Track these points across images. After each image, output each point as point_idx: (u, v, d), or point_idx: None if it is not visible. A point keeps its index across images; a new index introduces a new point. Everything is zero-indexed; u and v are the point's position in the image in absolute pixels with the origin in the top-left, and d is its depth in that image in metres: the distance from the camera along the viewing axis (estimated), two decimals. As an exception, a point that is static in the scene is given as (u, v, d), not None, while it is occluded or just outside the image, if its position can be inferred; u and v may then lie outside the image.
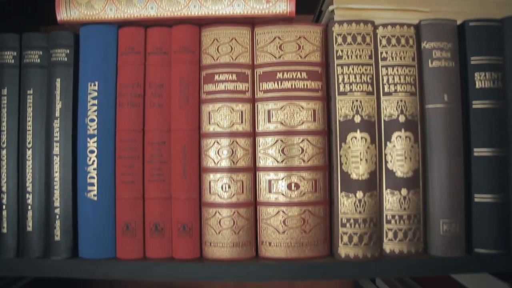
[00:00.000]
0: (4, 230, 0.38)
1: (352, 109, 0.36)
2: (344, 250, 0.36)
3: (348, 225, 0.36)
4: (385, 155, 0.37)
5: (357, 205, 0.36)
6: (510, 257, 0.36)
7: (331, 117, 0.37)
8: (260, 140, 0.37)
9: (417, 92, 0.37)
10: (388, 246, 0.37)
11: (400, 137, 0.36)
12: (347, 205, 0.36)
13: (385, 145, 0.37)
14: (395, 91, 0.37)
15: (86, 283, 0.66)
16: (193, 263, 0.36)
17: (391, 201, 0.36)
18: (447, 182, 0.36)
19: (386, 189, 0.37)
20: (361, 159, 0.36)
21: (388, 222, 0.36)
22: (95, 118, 0.37)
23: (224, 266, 0.36)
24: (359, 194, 0.36)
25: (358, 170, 0.36)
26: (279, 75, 0.37)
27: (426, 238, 0.37)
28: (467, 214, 0.36)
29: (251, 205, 0.37)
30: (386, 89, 0.37)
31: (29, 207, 0.37)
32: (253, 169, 0.37)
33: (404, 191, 0.36)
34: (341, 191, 0.36)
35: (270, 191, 0.36)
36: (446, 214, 0.36)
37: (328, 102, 0.37)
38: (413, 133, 0.36)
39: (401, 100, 0.37)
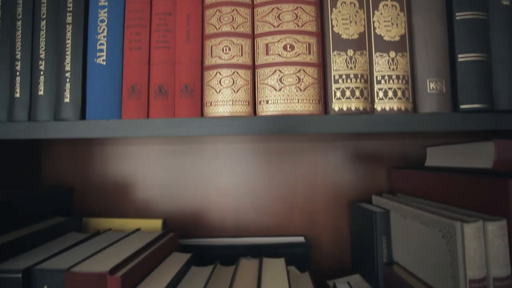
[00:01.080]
0: (17, 95, 0.40)
1: (341, -22, 0.39)
2: (338, 104, 0.38)
3: (340, 80, 0.38)
4: (373, 22, 0.39)
5: (348, 62, 0.38)
6: (493, 112, 0.38)
7: (323, -9, 0.40)
8: (258, 10, 0.40)
9: (401, -33, 0.40)
10: (380, 105, 0.39)
11: (387, 5, 0.39)
12: (339, 62, 0.38)
13: (373, 13, 0.40)
14: (381, -34, 0.40)
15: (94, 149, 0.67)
16: (194, 118, 0.38)
17: (380, 63, 0.39)
18: (432, 44, 0.39)
19: (375, 52, 0.39)
20: (350, 21, 0.39)
21: (379, 82, 0.39)
22: (106, -8, 0.40)
23: (224, 121, 0.38)
24: (350, 52, 0.38)
25: (348, 30, 0.39)
26: (275, -47, 0.40)
27: (415, 98, 0.39)
28: (452, 74, 0.39)
29: (250, 68, 0.39)
30: (372, -35, 0.40)
31: (42, 72, 0.40)
32: (251, 36, 0.40)
33: (392, 54, 0.39)
34: (333, 51, 0.39)
35: (267, 54, 0.39)
36: (432, 73, 0.38)
37: (320, -22, 0.41)
38: (398, 3, 0.40)
39: (387, -26, 0.40)
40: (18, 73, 0.40)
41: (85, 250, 0.49)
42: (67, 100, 0.39)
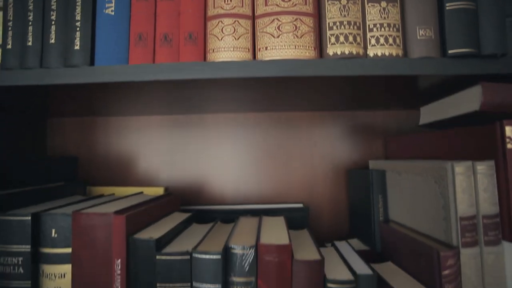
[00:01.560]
0: (30, 43, 0.42)
1: None
2: (332, 49, 0.40)
3: (334, 27, 0.41)
4: (366, -25, 0.42)
5: (341, 10, 0.41)
6: (480, 57, 0.40)
7: None
8: (257, -36, 0.43)
9: None
10: (372, 51, 0.41)
11: (378, -40, 0.42)
12: (333, 11, 0.41)
13: (366, -33, 0.42)
14: None
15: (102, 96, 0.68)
16: (197, 62, 0.40)
17: (372, 12, 0.41)
18: (420, -5, 0.41)
19: (367, 3, 0.42)
20: (344, -26, 0.41)
21: (371, 30, 0.41)
22: (115, -51, 0.43)
23: (225, 64, 0.40)
24: (343, 1, 0.41)
25: (342, -18, 0.41)
26: None
27: (405, 44, 0.41)
28: (440, 21, 0.41)
29: (250, 18, 0.42)
30: None
31: (53, 22, 0.42)
32: (251, -11, 0.42)
33: (383, 4, 0.41)
34: (327, 0, 0.41)
35: (266, 5, 0.41)
36: (421, 21, 0.41)
37: None
38: (389, -42, 0.42)
39: None
40: (30, 23, 0.42)
41: (90, 204, 0.51)
42: (77, 47, 0.41)
